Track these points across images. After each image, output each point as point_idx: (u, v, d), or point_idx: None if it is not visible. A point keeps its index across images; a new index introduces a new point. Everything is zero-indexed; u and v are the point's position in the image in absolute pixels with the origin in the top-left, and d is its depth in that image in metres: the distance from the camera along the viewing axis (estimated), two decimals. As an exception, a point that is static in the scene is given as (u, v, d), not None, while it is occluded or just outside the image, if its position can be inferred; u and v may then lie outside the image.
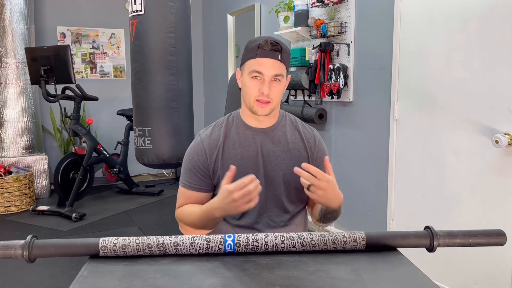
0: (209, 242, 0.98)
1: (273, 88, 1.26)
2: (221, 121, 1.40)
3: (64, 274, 2.68)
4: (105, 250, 0.97)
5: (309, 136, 1.40)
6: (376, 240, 1.01)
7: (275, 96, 1.27)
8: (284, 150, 1.34)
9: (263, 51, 1.25)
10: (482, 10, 2.06)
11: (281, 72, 1.26)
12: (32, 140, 4.44)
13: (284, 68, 1.28)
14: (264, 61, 1.25)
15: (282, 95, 1.31)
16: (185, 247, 0.97)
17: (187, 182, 1.36)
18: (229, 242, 0.98)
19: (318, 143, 1.40)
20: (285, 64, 1.29)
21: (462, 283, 2.22)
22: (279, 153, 1.34)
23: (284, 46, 1.28)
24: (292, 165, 1.32)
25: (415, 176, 2.50)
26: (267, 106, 1.27)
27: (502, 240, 1.00)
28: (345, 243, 1.00)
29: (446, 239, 1.00)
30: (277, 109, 1.35)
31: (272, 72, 1.25)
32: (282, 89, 1.29)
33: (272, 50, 1.25)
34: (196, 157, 1.34)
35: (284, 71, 1.28)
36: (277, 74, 1.25)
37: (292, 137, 1.37)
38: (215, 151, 1.33)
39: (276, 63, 1.25)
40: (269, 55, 1.25)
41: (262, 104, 1.27)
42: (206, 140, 1.35)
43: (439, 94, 2.31)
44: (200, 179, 1.34)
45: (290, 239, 0.99)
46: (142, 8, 2.81)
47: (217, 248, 0.98)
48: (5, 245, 0.93)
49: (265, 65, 1.25)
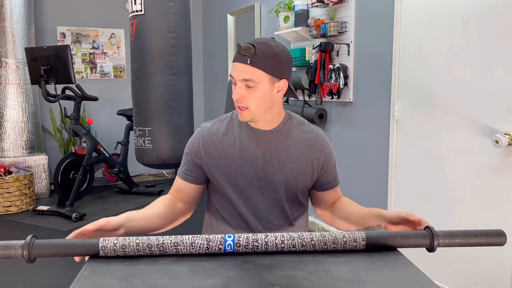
0: (209, 242, 0.98)
1: (246, 94, 1.20)
2: (225, 116, 1.38)
3: (64, 274, 2.68)
4: (105, 250, 0.97)
5: (314, 140, 1.34)
6: (376, 240, 1.01)
7: (249, 102, 1.21)
8: (286, 154, 1.30)
9: (236, 55, 1.22)
10: (482, 10, 2.06)
11: (250, 77, 1.18)
12: (32, 140, 4.44)
13: (256, 73, 1.18)
14: (235, 65, 1.21)
15: (262, 101, 1.22)
16: (185, 247, 0.97)
17: (181, 171, 1.36)
18: (229, 242, 0.98)
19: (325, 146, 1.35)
20: (261, 68, 1.18)
21: (462, 283, 2.22)
22: (281, 157, 1.29)
23: (261, 49, 1.19)
24: (294, 169, 1.30)
25: (415, 176, 2.50)
26: (243, 113, 1.23)
27: (502, 240, 0.99)
28: (345, 243, 1.00)
29: (446, 239, 0.99)
30: (273, 114, 1.29)
31: (240, 76, 1.20)
32: (259, 96, 1.20)
33: (242, 54, 1.19)
34: (191, 148, 1.34)
35: (257, 76, 1.18)
36: (245, 78, 1.19)
37: (296, 141, 1.31)
38: (211, 144, 1.31)
39: (246, 68, 1.18)
40: (239, 59, 1.20)
41: (240, 110, 1.24)
42: (204, 132, 1.34)
43: (439, 94, 2.32)
44: (191, 170, 1.33)
45: (290, 239, 0.99)
46: (142, 8, 2.81)
47: (217, 248, 0.98)
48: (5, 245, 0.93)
49: (235, 69, 1.21)
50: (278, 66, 1.22)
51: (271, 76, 1.21)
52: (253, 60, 1.18)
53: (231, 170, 1.29)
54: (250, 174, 1.29)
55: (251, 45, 1.19)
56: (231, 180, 1.30)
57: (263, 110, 1.24)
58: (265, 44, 1.20)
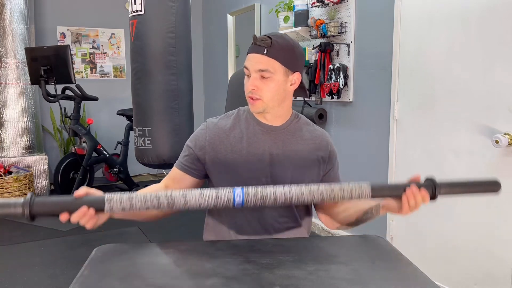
0: (218, 193, 0.95)
1: (261, 85, 1.22)
2: (231, 113, 1.37)
3: (64, 274, 2.68)
4: (111, 203, 0.92)
5: (320, 139, 1.35)
6: (380, 189, 1.06)
7: (263, 93, 1.22)
8: (293, 151, 1.29)
9: (251, 46, 1.23)
10: (482, 10, 2.06)
11: (267, 67, 1.20)
12: (32, 140, 4.43)
13: (272, 63, 1.20)
14: (250, 56, 1.23)
15: (276, 93, 1.23)
16: (193, 197, 0.94)
17: (180, 162, 1.33)
18: (238, 192, 0.96)
19: (330, 146, 1.37)
20: (277, 59, 1.20)
21: (462, 283, 2.22)
22: (288, 154, 1.29)
23: (278, 40, 1.21)
24: (300, 167, 1.30)
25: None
26: (256, 103, 1.24)
27: (496, 188, 1.15)
28: (351, 191, 1.02)
29: (447, 188, 1.09)
30: (284, 108, 1.29)
31: (255, 67, 1.21)
32: (274, 87, 1.22)
33: (258, 45, 1.21)
34: (196, 141, 1.31)
35: (273, 66, 1.20)
36: (261, 69, 1.20)
37: (303, 139, 1.32)
38: (217, 138, 1.29)
39: (261, 58, 1.20)
40: (255, 50, 1.22)
41: (252, 101, 1.25)
42: (211, 126, 1.32)
43: (439, 94, 2.31)
44: (193, 162, 1.31)
45: (298, 190, 0.99)
46: (142, 8, 2.81)
47: (226, 199, 0.95)
48: (5, 203, 0.86)
49: (251, 60, 1.22)
50: (293, 59, 1.24)
51: (285, 68, 1.23)
52: (269, 51, 1.20)
53: (237, 165, 1.27)
54: (257, 169, 1.27)
55: (267, 36, 1.21)
56: (237, 176, 1.27)
57: (276, 103, 1.25)
58: (280, 37, 1.23)
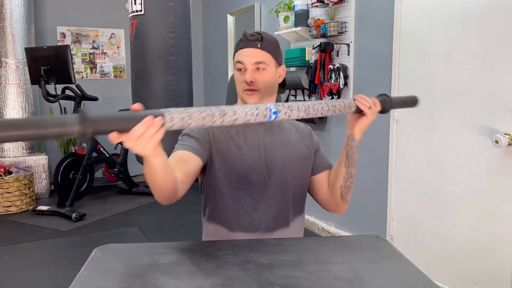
0: (258, 108, 1.01)
1: (257, 76, 1.27)
2: None
3: (64, 274, 2.68)
4: (172, 113, 0.94)
5: (303, 127, 1.46)
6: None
7: (260, 84, 1.28)
8: (283, 140, 1.37)
9: (243, 42, 1.30)
10: (482, 10, 2.06)
11: (262, 59, 1.27)
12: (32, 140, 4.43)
13: (266, 56, 1.28)
14: (244, 51, 1.29)
15: (270, 84, 1.31)
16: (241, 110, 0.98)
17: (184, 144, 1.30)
18: (272, 108, 1.03)
19: (312, 132, 1.47)
20: (269, 52, 1.29)
21: (462, 283, 2.22)
22: (279, 141, 1.36)
23: (266, 36, 1.30)
24: (293, 154, 1.38)
25: (415, 176, 2.50)
26: (254, 95, 1.29)
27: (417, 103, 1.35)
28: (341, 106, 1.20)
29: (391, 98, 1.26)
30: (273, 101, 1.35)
31: (252, 60, 1.27)
32: (269, 78, 1.29)
33: (250, 40, 1.28)
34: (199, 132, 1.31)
35: (267, 58, 1.28)
36: (257, 61, 1.27)
37: (289, 130, 1.41)
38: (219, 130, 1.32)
39: (256, 51, 1.27)
40: (248, 45, 1.28)
41: (249, 92, 1.29)
42: None
43: (439, 94, 2.32)
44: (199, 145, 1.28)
45: (317, 103, 1.14)
46: (142, 8, 2.81)
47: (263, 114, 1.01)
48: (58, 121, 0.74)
49: (245, 54, 1.28)
50: (279, 52, 1.35)
51: (275, 61, 1.32)
52: (262, 45, 1.28)
53: (239, 157, 1.30)
54: (256, 159, 1.32)
55: (256, 32, 1.29)
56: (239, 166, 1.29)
57: (269, 93, 1.33)
58: (265, 33, 1.32)
